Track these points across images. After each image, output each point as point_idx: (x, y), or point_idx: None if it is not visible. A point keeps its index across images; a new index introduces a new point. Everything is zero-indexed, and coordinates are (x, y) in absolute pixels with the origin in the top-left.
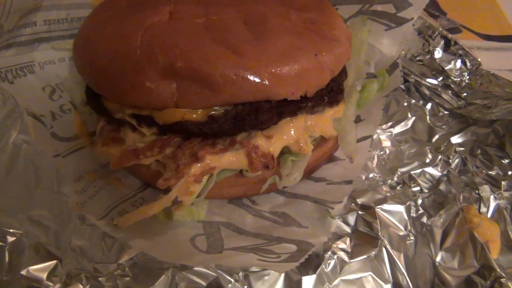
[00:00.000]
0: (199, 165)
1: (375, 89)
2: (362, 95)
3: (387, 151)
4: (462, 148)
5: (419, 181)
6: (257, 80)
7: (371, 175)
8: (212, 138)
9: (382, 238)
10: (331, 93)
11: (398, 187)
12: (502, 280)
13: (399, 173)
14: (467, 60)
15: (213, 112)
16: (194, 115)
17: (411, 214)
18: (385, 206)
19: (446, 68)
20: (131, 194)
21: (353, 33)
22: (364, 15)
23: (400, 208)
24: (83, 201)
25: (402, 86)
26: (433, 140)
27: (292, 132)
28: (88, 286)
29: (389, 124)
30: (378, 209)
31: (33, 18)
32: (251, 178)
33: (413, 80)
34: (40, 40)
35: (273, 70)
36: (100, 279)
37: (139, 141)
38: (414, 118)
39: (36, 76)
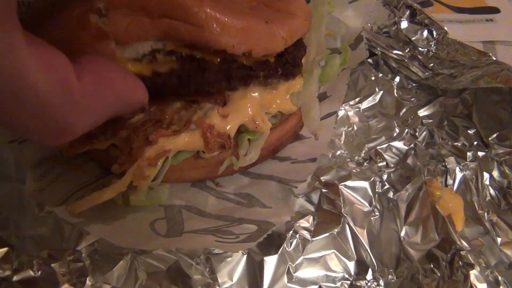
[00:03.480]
0: (152, 148)
1: (338, 64)
2: (325, 70)
3: (355, 127)
4: (430, 120)
5: (386, 156)
6: (197, 16)
7: (338, 152)
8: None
9: (345, 215)
10: (286, 65)
11: (365, 163)
12: (462, 252)
13: (366, 149)
14: (433, 29)
15: (157, 67)
16: (139, 67)
17: (376, 190)
18: (349, 183)
19: (413, 38)
20: (92, 180)
21: (314, 8)
22: None
23: (364, 184)
24: (41, 187)
25: (370, 60)
26: (401, 113)
27: (248, 110)
28: (39, 272)
29: (357, 99)
30: (341, 186)
31: None
32: (210, 160)
33: (380, 53)
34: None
35: (217, 14)
36: (52, 265)
37: None
38: (382, 92)
39: None
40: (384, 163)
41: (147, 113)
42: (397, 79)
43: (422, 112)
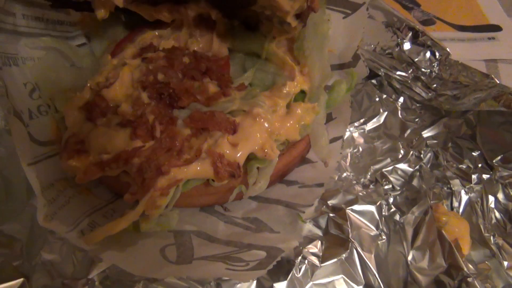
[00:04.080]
0: (165, 178)
1: (344, 89)
2: (331, 96)
3: (360, 149)
4: (434, 141)
5: (391, 178)
6: None
7: (344, 175)
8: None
9: (353, 240)
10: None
11: (370, 186)
12: (469, 279)
13: (372, 170)
14: (436, 50)
15: None
16: None
17: (383, 213)
18: (356, 207)
19: (416, 59)
20: (102, 205)
21: (313, 28)
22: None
23: (371, 208)
24: (53, 212)
25: (374, 81)
26: (405, 135)
27: (258, 138)
28: None
29: (362, 120)
30: (348, 211)
31: (12, 9)
32: (220, 187)
33: (383, 74)
34: (21, 34)
35: None
36: None
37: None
38: (386, 113)
39: (19, 69)
40: (390, 185)
41: (157, 141)
42: (401, 99)
43: (427, 133)
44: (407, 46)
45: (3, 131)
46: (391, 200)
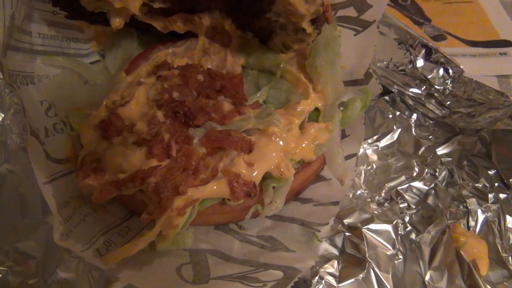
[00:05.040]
0: (181, 198)
1: (359, 107)
2: (345, 114)
3: (374, 166)
4: (449, 159)
5: (406, 196)
6: None
7: (358, 192)
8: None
9: (370, 260)
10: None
11: (386, 204)
12: None
13: (386, 188)
14: (449, 67)
15: None
16: None
17: (399, 232)
18: (372, 226)
19: (429, 76)
20: (117, 223)
21: (324, 44)
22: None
23: (387, 227)
24: (69, 230)
25: (387, 97)
26: (420, 152)
27: (273, 157)
28: None
29: (375, 137)
30: (365, 230)
31: (28, 28)
32: (236, 206)
33: (396, 90)
34: (37, 52)
35: None
36: None
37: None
38: (400, 130)
39: (36, 87)
40: (406, 204)
41: (173, 160)
42: (414, 116)
43: (441, 151)
44: (420, 63)
45: (18, 149)
46: (407, 218)
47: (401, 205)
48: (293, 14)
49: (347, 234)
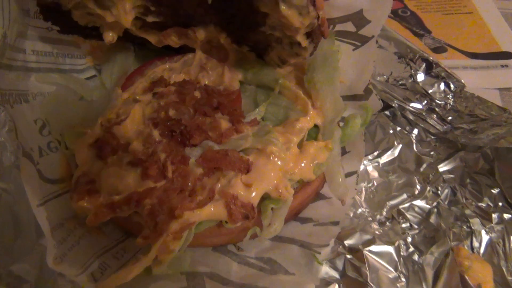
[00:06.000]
0: (177, 221)
1: (358, 124)
2: (345, 131)
3: (375, 183)
4: (451, 176)
5: (408, 215)
6: None
7: (359, 211)
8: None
9: (371, 284)
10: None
11: (387, 223)
12: None
13: (388, 207)
14: (450, 82)
15: None
16: None
17: (401, 253)
18: (374, 248)
19: (430, 91)
20: (112, 245)
21: (323, 59)
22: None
23: (389, 249)
24: (63, 253)
25: (387, 112)
26: (421, 169)
27: (272, 177)
28: None
29: (376, 153)
30: (366, 252)
31: (22, 45)
32: (233, 228)
33: (396, 105)
34: (31, 70)
35: None
36: None
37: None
38: (400, 146)
39: (30, 106)
40: (408, 224)
41: (169, 181)
42: (415, 131)
43: (443, 167)
44: (420, 77)
45: (12, 167)
46: (409, 239)
47: (403, 225)
48: (288, 27)
49: (348, 256)
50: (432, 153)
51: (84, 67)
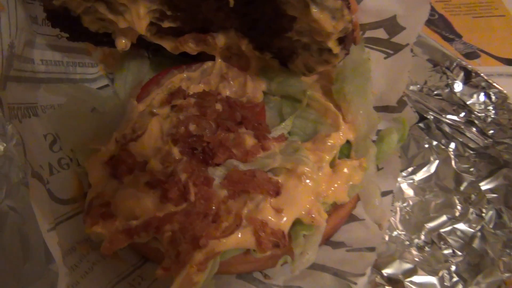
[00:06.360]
0: (202, 251)
1: (395, 140)
2: (381, 148)
3: (411, 202)
4: (495, 195)
5: (450, 240)
6: None
7: (394, 234)
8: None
9: None
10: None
11: (426, 248)
12: None
13: (426, 229)
14: (491, 92)
15: None
16: None
17: (445, 284)
18: (416, 278)
19: (468, 102)
20: (129, 271)
21: (353, 70)
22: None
23: (432, 280)
24: (75, 281)
25: (421, 124)
26: (461, 188)
27: (304, 201)
28: None
29: (410, 169)
30: (407, 283)
31: (30, 55)
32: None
33: (432, 117)
34: (40, 81)
35: None
36: None
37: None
38: (437, 161)
39: (39, 120)
40: (450, 250)
41: (191, 204)
42: (452, 145)
43: (485, 185)
44: (458, 87)
45: (20, 184)
46: (453, 268)
47: (445, 251)
48: (318, 33)
49: None
50: (471, 169)
51: (96, 76)
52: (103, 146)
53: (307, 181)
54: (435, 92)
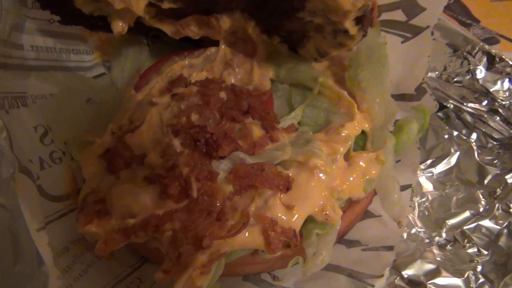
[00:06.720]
0: (205, 253)
1: (415, 130)
2: (400, 138)
3: (430, 197)
4: None
5: (474, 238)
6: None
7: (413, 231)
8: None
9: None
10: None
11: (448, 246)
12: None
13: (447, 226)
14: None
15: None
16: None
17: (471, 285)
18: (439, 280)
19: (492, 89)
20: (126, 273)
21: (369, 52)
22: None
23: (457, 282)
24: (68, 284)
25: (440, 114)
26: (485, 181)
27: (317, 196)
28: None
29: (429, 162)
30: (430, 286)
31: (19, 40)
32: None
33: (451, 105)
34: (30, 69)
35: None
36: None
37: None
38: (458, 153)
39: (29, 110)
40: (475, 249)
41: (193, 201)
42: (474, 136)
43: (510, 178)
44: (480, 73)
45: (11, 179)
46: (479, 268)
47: (470, 250)
48: (334, 12)
49: None
50: (496, 161)
51: (91, 64)
52: (98, 138)
53: (320, 175)
54: (455, 79)
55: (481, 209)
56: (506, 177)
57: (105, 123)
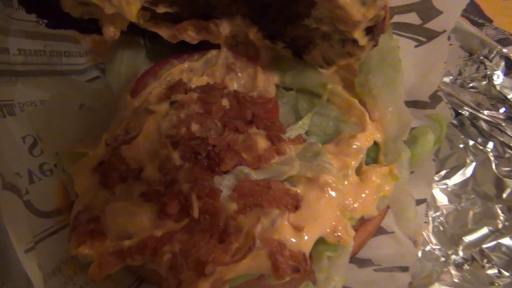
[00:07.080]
0: (208, 280)
1: (431, 141)
2: (415, 150)
3: (444, 211)
4: None
5: (494, 257)
6: None
7: (428, 248)
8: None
9: None
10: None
11: (466, 266)
12: None
13: (465, 243)
14: None
15: None
16: None
17: None
18: None
19: (510, 96)
20: None
21: (380, 57)
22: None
23: None
24: None
25: (454, 121)
26: (504, 195)
27: (328, 216)
28: None
29: (443, 173)
30: None
31: (4, 43)
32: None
33: (467, 112)
34: (17, 74)
35: None
36: None
37: None
38: (474, 164)
39: (16, 119)
40: (496, 270)
41: (194, 221)
42: (491, 145)
43: None
44: (498, 79)
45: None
46: None
47: (489, 271)
48: (342, 21)
49: None
50: None
51: (84, 67)
52: (92, 150)
53: (331, 192)
54: (471, 84)
55: (500, 225)
56: None
57: (99, 131)
